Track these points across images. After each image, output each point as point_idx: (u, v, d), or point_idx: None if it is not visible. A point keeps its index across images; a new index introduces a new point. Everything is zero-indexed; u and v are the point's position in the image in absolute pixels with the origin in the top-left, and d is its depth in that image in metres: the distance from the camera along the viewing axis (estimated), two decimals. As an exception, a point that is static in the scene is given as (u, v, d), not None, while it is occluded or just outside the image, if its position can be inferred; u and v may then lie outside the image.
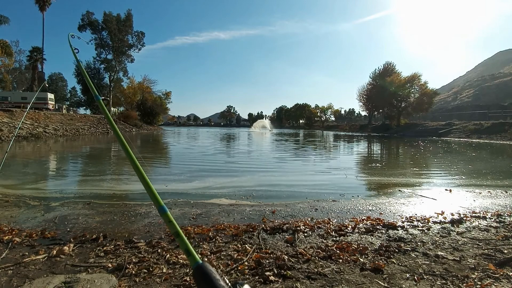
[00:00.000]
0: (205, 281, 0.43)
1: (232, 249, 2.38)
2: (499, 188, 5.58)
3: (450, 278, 1.91)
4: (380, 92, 46.77)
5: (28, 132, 18.05)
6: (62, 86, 68.81)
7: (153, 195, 0.59)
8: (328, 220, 3.30)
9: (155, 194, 0.59)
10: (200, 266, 0.46)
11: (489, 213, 3.63)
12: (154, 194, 0.59)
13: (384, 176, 7.23)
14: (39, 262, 2.12)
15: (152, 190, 0.59)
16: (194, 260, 0.48)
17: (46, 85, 37.37)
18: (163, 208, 0.57)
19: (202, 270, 0.45)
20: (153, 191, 0.59)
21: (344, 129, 60.66)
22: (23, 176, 6.32)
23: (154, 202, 0.59)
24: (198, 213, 3.63)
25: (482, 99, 68.54)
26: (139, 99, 47.26)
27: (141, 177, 0.62)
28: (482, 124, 28.60)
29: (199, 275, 0.45)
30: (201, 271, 0.45)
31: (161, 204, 0.57)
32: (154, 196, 0.59)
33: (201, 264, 0.46)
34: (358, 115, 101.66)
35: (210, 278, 0.43)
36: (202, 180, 6.19)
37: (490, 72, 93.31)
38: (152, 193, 0.59)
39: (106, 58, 43.95)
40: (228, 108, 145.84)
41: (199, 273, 0.45)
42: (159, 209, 0.57)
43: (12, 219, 3.26)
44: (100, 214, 3.50)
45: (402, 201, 4.50)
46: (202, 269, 0.45)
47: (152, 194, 0.59)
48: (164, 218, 0.57)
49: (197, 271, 0.45)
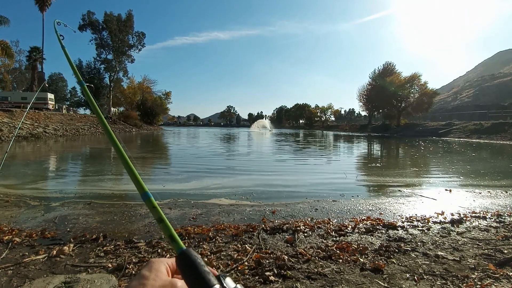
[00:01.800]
0: (189, 266, 0.43)
1: (232, 249, 2.38)
2: (499, 188, 5.58)
3: (450, 278, 1.91)
4: (380, 92, 46.77)
5: (28, 132, 18.04)
6: (62, 86, 68.75)
7: (136, 180, 0.57)
8: (328, 220, 3.30)
9: (139, 179, 0.57)
10: (184, 251, 0.45)
11: (489, 213, 3.63)
12: (137, 179, 0.57)
13: (384, 176, 7.23)
14: (39, 262, 2.12)
15: (136, 175, 0.57)
16: (178, 246, 0.47)
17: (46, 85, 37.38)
18: (147, 193, 0.56)
19: (186, 256, 0.44)
20: (137, 176, 0.57)
21: (344, 129, 60.63)
22: (23, 176, 6.32)
23: (137, 188, 0.57)
24: (198, 213, 3.63)
25: (482, 99, 68.55)
26: (139, 99, 47.27)
27: (123, 161, 0.60)
28: (482, 124, 28.59)
29: (183, 261, 0.44)
30: (185, 257, 0.44)
31: (145, 190, 0.56)
32: (137, 182, 0.57)
33: (185, 249, 0.46)
34: (358, 115, 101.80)
35: (195, 264, 0.43)
36: (202, 180, 6.19)
37: (490, 72, 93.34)
38: (136, 178, 0.57)
39: (106, 58, 43.97)
40: (228, 108, 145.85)
41: (183, 259, 0.44)
42: (143, 195, 0.56)
43: (12, 219, 3.25)
44: (100, 214, 3.50)
45: (402, 201, 4.50)
46: (186, 254, 0.45)
47: (136, 179, 0.57)
48: (148, 204, 0.55)
49: (181, 256, 0.45)
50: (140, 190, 0.57)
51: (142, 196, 0.56)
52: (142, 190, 0.56)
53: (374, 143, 23.49)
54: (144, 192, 0.56)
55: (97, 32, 42.48)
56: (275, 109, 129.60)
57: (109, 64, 43.96)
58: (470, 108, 55.58)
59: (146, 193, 0.56)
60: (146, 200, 0.56)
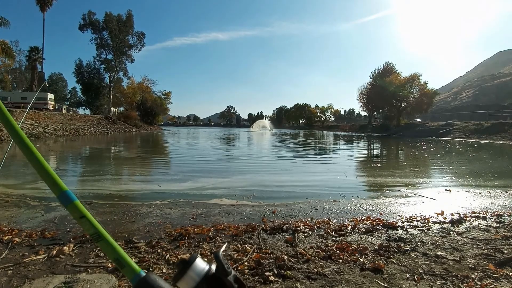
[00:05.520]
0: None
1: (232, 249, 2.38)
2: (499, 188, 5.58)
3: (450, 278, 1.91)
4: (380, 92, 46.75)
5: (28, 132, 18.03)
6: (62, 86, 68.73)
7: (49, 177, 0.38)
8: (328, 220, 3.30)
9: (53, 175, 0.39)
10: (143, 280, 0.34)
11: (489, 213, 3.63)
12: (50, 175, 0.38)
13: (384, 176, 7.23)
14: (39, 262, 2.12)
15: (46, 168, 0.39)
16: (133, 271, 0.35)
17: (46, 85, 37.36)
18: (67, 194, 0.37)
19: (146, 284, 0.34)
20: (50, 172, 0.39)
21: (344, 129, 60.62)
22: (23, 176, 6.32)
23: (51, 187, 0.38)
24: (199, 213, 3.63)
25: (482, 99, 68.58)
26: (139, 99, 47.25)
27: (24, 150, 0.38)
28: (482, 124, 28.59)
29: None
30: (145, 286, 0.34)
31: (65, 189, 0.38)
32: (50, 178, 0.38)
33: (144, 276, 0.35)
34: (358, 115, 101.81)
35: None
36: (202, 180, 6.19)
37: (490, 72, 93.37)
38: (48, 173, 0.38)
39: (106, 58, 43.97)
40: (228, 108, 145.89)
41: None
42: (61, 196, 0.38)
43: (12, 219, 3.25)
44: (100, 214, 3.50)
45: (402, 201, 4.50)
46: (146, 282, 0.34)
47: (48, 175, 0.38)
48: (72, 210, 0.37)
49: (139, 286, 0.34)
50: (55, 190, 0.37)
51: (59, 198, 0.37)
52: (58, 190, 0.37)
53: (374, 143, 23.50)
54: (62, 192, 0.37)
55: (97, 32, 42.51)
56: (275, 109, 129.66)
57: (109, 64, 43.94)
58: (470, 108, 55.59)
59: (65, 193, 0.37)
60: (69, 205, 0.36)
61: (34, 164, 0.38)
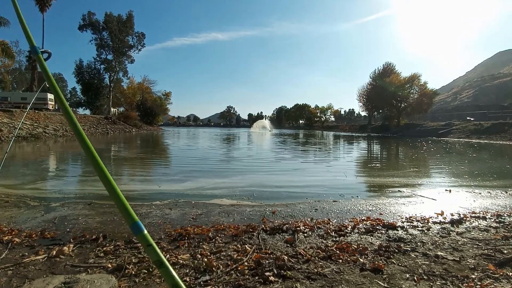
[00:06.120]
0: None
1: (232, 249, 2.38)
2: (499, 189, 5.58)
3: (450, 278, 1.91)
4: (380, 93, 46.78)
5: (28, 132, 18.03)
6: (62, 86, 68.77)
7: (124, 208, 0.43)
8: (328, 220, 3.30)
9: (127, 206, 0.44)
10: None
11: (489, 213, 3.63)
12: (125, 207, 0.44)
13: (384, 176, 7.23)
14: (38, 262, 2.12)
15: (123, 202, 0.44)
16: None
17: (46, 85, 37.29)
18: (138, 225, 0.42)
19: None
20: (124, 203, 0.44)
21: (343, 129, 60.64)
22: (23, 176, 6.32)
23: (125, 217, 0.42)
24: (199, 213, 3.63)
25: (482, 99, 68.61)
26: (139, 100, 47.26)
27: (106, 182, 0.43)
28: (482, 124, 28.61)
29: None
30: None
31: (136, 220, 0.42)
32: (125, 209, 0.43)
33: None
34: (358, 115, 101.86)
35: None
36: (202, 180, 6.19)
37: (490, 73, 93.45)
38: (124, 205, 0.44)
39: (106, 58, 43.96)
40: (228, 108, 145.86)
41: None
42: (133, 226, 0.42)
43: (12, 220, 3.25)
44: (100, 215, 3.49)
45: (402, 201, 4.50)
46: None
47: (123, 207, 0.44)
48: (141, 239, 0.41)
49: None
50: (128, 220, 0.42)
51: (132, 227, 0.41)
52: (131, 220, 0.42)
53: (374, 143, 23.50)
54: (134, 222, 0.42)
55: (97, 33, 42.51)
56: (275, 109, 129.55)
57: (109, 65, 43.93)
58: (470, 109, 55.61)
59: (136, 224, 0.42)
60: (139, 234, 0.41)
61: (112, 196, 0.45)
